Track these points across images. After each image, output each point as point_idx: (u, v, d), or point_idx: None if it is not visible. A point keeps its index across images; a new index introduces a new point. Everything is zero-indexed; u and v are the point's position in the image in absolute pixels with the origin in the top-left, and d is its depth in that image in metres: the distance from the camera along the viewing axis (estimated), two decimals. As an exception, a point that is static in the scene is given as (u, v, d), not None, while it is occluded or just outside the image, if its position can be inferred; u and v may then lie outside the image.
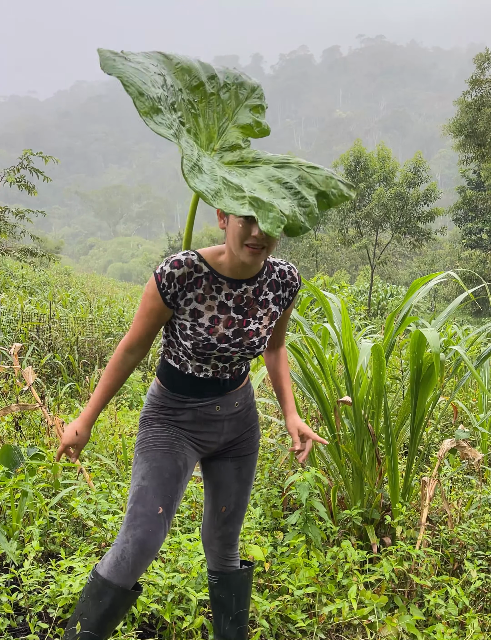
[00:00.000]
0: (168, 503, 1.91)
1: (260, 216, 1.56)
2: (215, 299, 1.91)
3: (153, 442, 1.99)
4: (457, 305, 3.47)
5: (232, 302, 1.93)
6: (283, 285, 2.03)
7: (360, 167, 26.27)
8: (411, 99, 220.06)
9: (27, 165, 10.71)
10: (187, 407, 2.02)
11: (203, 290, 1.90)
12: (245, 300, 1.95)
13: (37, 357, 8.02)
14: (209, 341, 1.90)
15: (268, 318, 2.00)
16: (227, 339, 1.92)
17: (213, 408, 2.02)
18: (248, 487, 2.20)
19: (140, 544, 1.83)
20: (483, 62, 26.44)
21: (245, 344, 1.95)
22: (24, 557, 2.88)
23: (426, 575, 2.79)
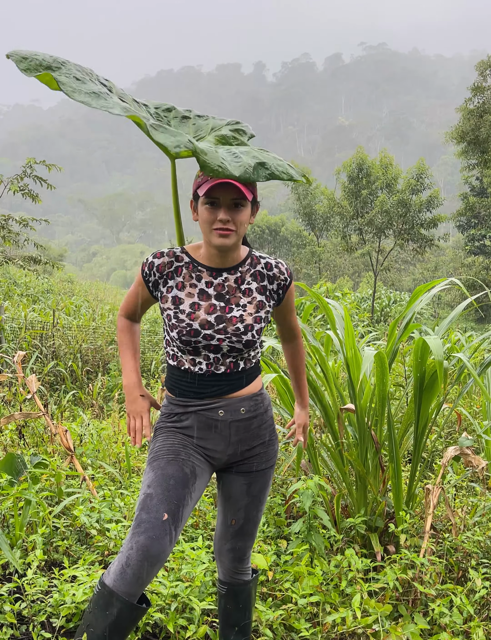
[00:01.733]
0: (173, 509, 1.89)
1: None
2: (195, 286, 2.00)
3: (160, 451, 2.00)
4: (460, 312, 3.47)
5: (212, 289, 2.00)
6: (270, 277, 2.06)
7: (362, 174, 26.30)
8: (413, 106, 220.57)
9: (30, 174, 10.76)
10: (190, 410, 2.03)
11: (183, 278, 2.01)
12: (226, 288, 2.01)
13: (41, 365, 8.03)
14: (191, 327, 1.95)
15: (254, 307, 2.02)
16: (210, 325, 1.96)
17: (217, 412, 2.02)
18: (259, 503, 2.17)
19: (144, 550, 1.82)
20: (485, 69, 26.49)
21: (229, 330, 1.97)
22: (27, 566, 2.87)
23: (430, 584, 2.77)
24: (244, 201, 1.93)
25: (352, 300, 21.79)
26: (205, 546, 2.99)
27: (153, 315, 15.84)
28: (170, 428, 2.05)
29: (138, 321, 2.20)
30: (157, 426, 2.09)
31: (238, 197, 1.91)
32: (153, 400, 2.16)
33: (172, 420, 2.06)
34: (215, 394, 2.03)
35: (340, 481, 3.56)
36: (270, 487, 2.24)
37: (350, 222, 27.11)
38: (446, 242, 35.93)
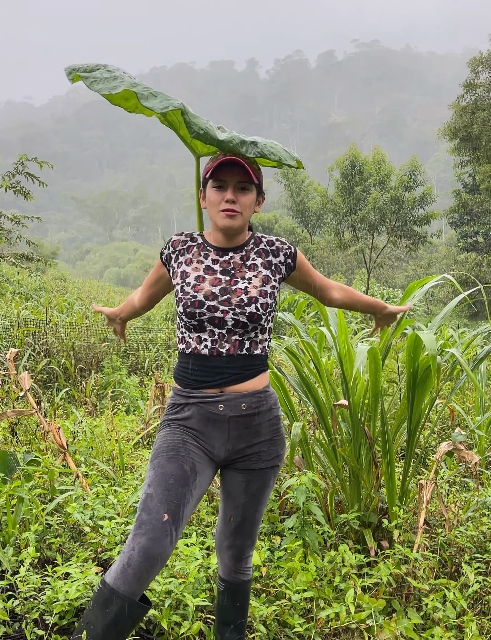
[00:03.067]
0: (173, 509, 1.89)
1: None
2: (201, 262, 2.09)
3: (160, 448, 2.01)
4: (453, 307, 3.47)
5: (218, 266, 2.08)
6: (274, 252, 2.13)
7: (355, 171, 26.31)
8: (406, 103, 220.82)
9: (22, 171, 10.70)
10: (191, 402, 2.04)
11: (192, 255, 2.11)
12: (231, 264, 2.08)
13: (34, 363, 8.00)
14: (195, 298, 2.00)
15: (260, 280, 2.06)
16: (214, 296, 2.00)
17: (216, 406, 2.01)
18: (258, 503, 2.14)
19: (145, 551, 1.82)
20: (478, 66, 26.50)
21: (233, 301, 1.99)
22: (20, 564, 2.86)
23: (424, 579, 2.78)
24: (250, 185, 2.04)
25: (345, 297, 21.79)
26: (198, 542, 2.98)
27: (147, 313, 15.82)
28: (172, 421, 2.07)
29: (145, 303, 2.38)
30: (162, 419, 2.12)
31: (244, 180, 2.02)
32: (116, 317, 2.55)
33: (174, 411, 2.08)
34: (216, 383, 2.02)
35: (333, 477, 3.57)
36: (272, 489, 2.19)
37: (343, 219, 27.14)
38: (439, 239, 35.99)
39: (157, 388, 5.55)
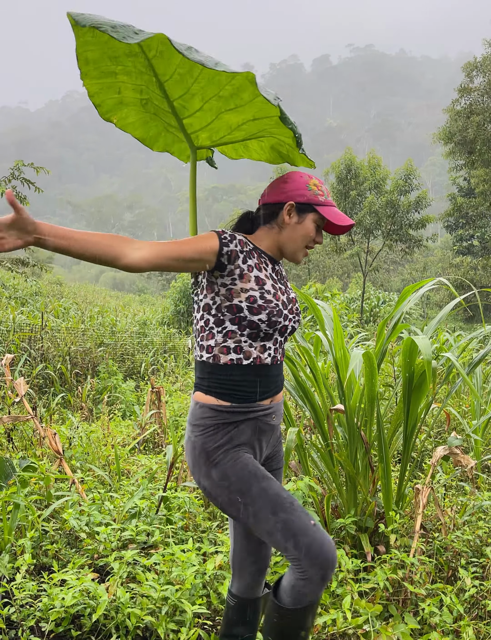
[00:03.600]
0: (306, 512, 1.89)
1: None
2: (266, 270, 2.03)
3: (243, 476, 1.88)
4: (448, 311, 3.48)
5: (275, 274, 2.08)
6: None
7: (351, 175, 26.37)
8: (401, 107, 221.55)
9: (18, 176, 10.70)
10: (250, 417, 1.95)
11: (258, 260, 2.00)
12: (280, 275, 2.12)
13: (29, 368, 7.98)
14: (278, 307, 1.96)
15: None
16: (285, 305, 2.01)
17: (271, 417, 2.03)
18: None
19: (332, 559, 1.81)
20: (472, 71, 26.63)
21: (294, 309, 2.07)
22: (15, 571, 2.85)
23: (420, 584, 2.78)
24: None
25: (341, 301, 21.85)
26: (195, 548, 2.98)
27: (142, 317, 15.81)
28: (227, 445, 1.92)
29: (138, 259, 1.72)
30: (209, 446, 1.92)
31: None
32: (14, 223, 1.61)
33: (224, 432, 1.92)
34: (272, 393, 2.02)
35: (330, 482, 3.56)
36: None
37: (338, 223, 27.13)
38: (435, 243, 36.12)
39: (153, 393, 5.55)
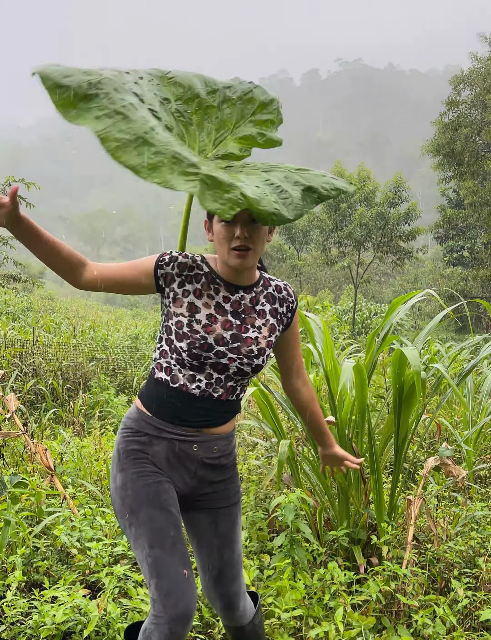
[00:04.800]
0: (186, 559, 1.82)
1: (208, 195, 1.46)
2: (212, 298, 1.88)
3: (140, 496, 1.84)
4: (437, 322, 3.51)
5: (229, 305, 1.90)
6: (280, 300, 2.00)
7: (341, 188, 26.50)
8: (390, 120, 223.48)
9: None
10: (164, 436, 1.88)
11: (201, 287, 1.88)
12: (242, 307, 1.92)
13: (21, 384, 7.95)
14: (206, 340, 1.83)
15: (268, 330, 1.95)
16: (225, 342, 1.85)
17: (191, 446, 1.90)
18: (232, 542, 2.03)
19: (186, 615, 1.75)
20: (459, 84, 26.94)
21: (243, 351, 1.87)
22: (6, 588, 2.83)
23: (413, 595, 2.77)
24: None
25: (332, 313, 21.88)
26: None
27: (134, 331, 15.79)
28: (139, 454, 1.89)
29: (89, 277, 1.86)
30: (121, 448, 1.93)
31: None
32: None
33: (138, 440, 1.91)
34: (199, 424, 1.90)
35: (322, 494, 3.56)
36: (241, 525, 2.10)
37: (329, 236, 27.32)
38: (425, 254, 36.32)
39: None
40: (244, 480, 4.26)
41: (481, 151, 26.27)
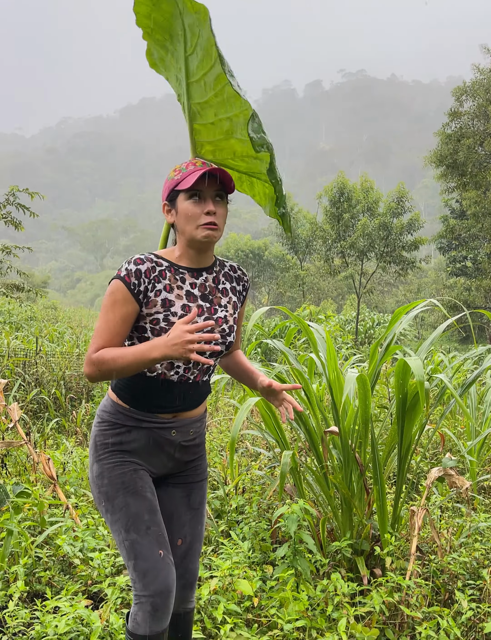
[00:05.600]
0: (162, 541, 1.92)
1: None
2: (181, 288, 1.95)
3: (116, 484, 1.94)
4: (440, 333, 3.50)
5: (197, 290, 1.98)
6: (237, 279, 2.12)
7: (343, 198, 26.58)
8: (392, 131, 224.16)
9: (13, 202, 10.77)
10: (143, 426, 1.97)
11: (169, 281, 1.94)
12: (208, 288, 2.01)
13: (24, 393, 7.96)
14: None
15: (232, 307, 2.06)
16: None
17: (169, 432, 1.99)
18: (202, 517, 2.16)
19: (164, 592, 1.87)
20: (461, 95, 26.99)
21: (216, 331, 1.98)
22: (8, 598, 2.83)
23: (417, 607, 2.76)
24: (224, 194, 1.95)
25: (335, 323, 21.87)
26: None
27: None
28: (115, 447, 1.97)
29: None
30: (98, 441, 1.99)
31: (221, 190, 1.92)
32: None
33: (116, 433, 1.97)
34: (176, 409, 1.99)
35: (325, 504, 3.55)
36: (206, 501, 2.24)
37: (332, 246, 27.34)
38: (428, 264, 36.28)
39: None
40: (247, 491, 4.25)
41: (484, 162, 26.30)
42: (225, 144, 2.19)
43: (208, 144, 2.22)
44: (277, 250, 44.48)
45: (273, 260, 45.52)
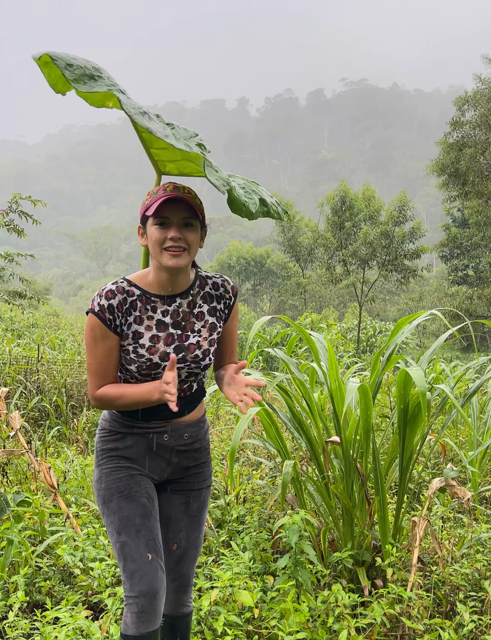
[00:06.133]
0: (152, 545, 1.96)
1: (209, 170, 1.84)
2: (152, 318, 1.98)
3: (110, 488, 2.02)
4: (442, 342, 3.50)
5: (168, 318, 1.99)
6: (218, 298, 2.09)
7: (345, 207, 26.64)
8: (394, 139, 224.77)
9: (16, 209, 10.78)
10: (136, 432, 2.04)
11: (139, 312, 1.96)
12: (181, 314, 2.02)
13: (25, 401, 7.95)
14: (152, 361, 1.96)
15: (207, 330, 2.06)
16: (168, 357, 1.97)
17: (161, 437, 2.05)
18: (199, 525, 2.19)
19: (150, 593, 1.91)
20: (463, 104, 27.08)
21: (188, 358, 2.01)
22: (8, 608, 2.82)
23: (418, 619, 2.75)
24: (194, 220, 1.94)
25: (337, 331, 21.86)
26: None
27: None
28: (112, 452, 2.05)
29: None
30: (99, 447, 2.09)
31: (189, 216, 1.92)
32: None
33: (113, 439, 2.06)
34: (168, 417, 2.04)
35: (326, 515, 3.54)
36: (207, 510, 2.25)
37: (334, 254, 27.37)
38: (430, 273, 36.30)
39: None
40: (248, 500, 4.23)
41: (486, 171, 26.33)
42: (185, 163, 2.23)
43: (170, 162, 2.27)
44: (278, 258, 44.56)
45: (275, 268, 45.58)
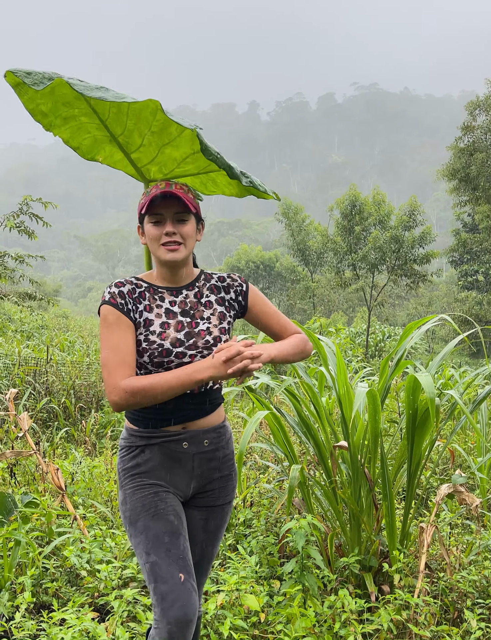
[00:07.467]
0: (183, 564, 1.88)
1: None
2: (161, 307, 2.02)
3: (136, 508, 1.96)
4: (451, 348, 3.49)
5: (177, 307, 2.03)
6: (225, 288, 2.12)
7: (355, 211, 26.58)
8: (405, 144, 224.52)
9: (26, 211, 10.83)
10: (153, 442, 2.00)
11: (148, 301, 2.01)
12: (188, 304, 2.05)
13: (34, 402, 7.98)
14: (163, 347, 1.95)
15: (217, 318, 2.06)
16: (181, 342, 1.97)
17: (181, 444, 2.01)
18: (215, 540, 2.17)
19: (182, 621, 1.81)
20: (474, 109, 27.03)
21: (199, 344, 1.99)
22: (15, 609, 2.82)
23: (425, 625, 2.73)
24: (187, 215, 2.00)
25: (346, 336, 21.83)
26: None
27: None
28: (134, 471, 2.00)
29: None
30: (120, 467, 2.05)
31: (181, 211, 1.98)
32: None
33: (132, 456, 2.02)
34: (180, 420, 2.00)
35: (333, 520, 3.53)
36: (227, 524, 2.23)
37: (343, 258, 27.32)
38: (440, 278, 36.22)
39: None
40: (255, 504, 4.23)
41: (497, 176, 26.28)
42: (163, 157, 2.26)
43: (152, 165, 2.29)
44: (287, 262, 44.53)
45: (284, 272, 45.55)
